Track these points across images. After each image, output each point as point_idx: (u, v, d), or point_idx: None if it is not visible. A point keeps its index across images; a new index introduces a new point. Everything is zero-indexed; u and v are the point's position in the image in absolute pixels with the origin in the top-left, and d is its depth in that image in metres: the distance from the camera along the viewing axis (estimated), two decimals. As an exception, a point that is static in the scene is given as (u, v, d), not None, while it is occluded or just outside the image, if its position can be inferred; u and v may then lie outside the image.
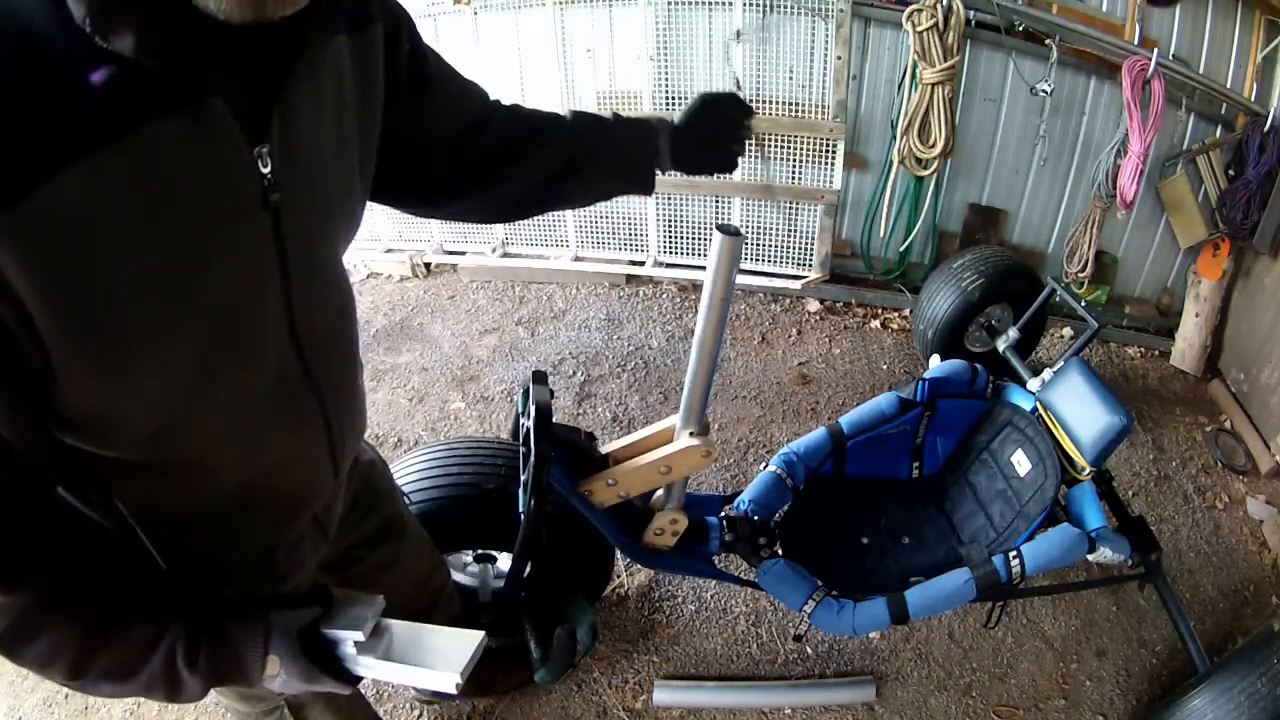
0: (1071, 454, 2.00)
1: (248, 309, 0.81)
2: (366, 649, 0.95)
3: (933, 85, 3.03)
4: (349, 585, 1.26)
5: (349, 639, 0.94)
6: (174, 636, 0.82)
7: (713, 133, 1.27)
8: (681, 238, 3.79)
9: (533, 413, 1.42)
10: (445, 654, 0.96)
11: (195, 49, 0.65)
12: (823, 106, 3.37)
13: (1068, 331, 3.59)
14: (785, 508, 2.03)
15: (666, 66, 3.42)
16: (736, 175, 3.55)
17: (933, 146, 3.15)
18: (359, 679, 0.98)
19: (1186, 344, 3.43)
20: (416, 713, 2.12)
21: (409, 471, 1.79)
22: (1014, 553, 1.80)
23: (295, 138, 0.79)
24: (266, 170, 0.76)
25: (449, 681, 0.93)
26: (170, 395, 0.77)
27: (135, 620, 0.82)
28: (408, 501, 1.67)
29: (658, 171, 1.28)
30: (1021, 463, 2.07)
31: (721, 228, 1.25)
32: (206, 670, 0.84)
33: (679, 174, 1.31)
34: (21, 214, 0.60)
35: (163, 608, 0.84)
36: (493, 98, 1.19)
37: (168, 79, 0.65)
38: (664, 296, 3.73)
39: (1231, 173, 3.13)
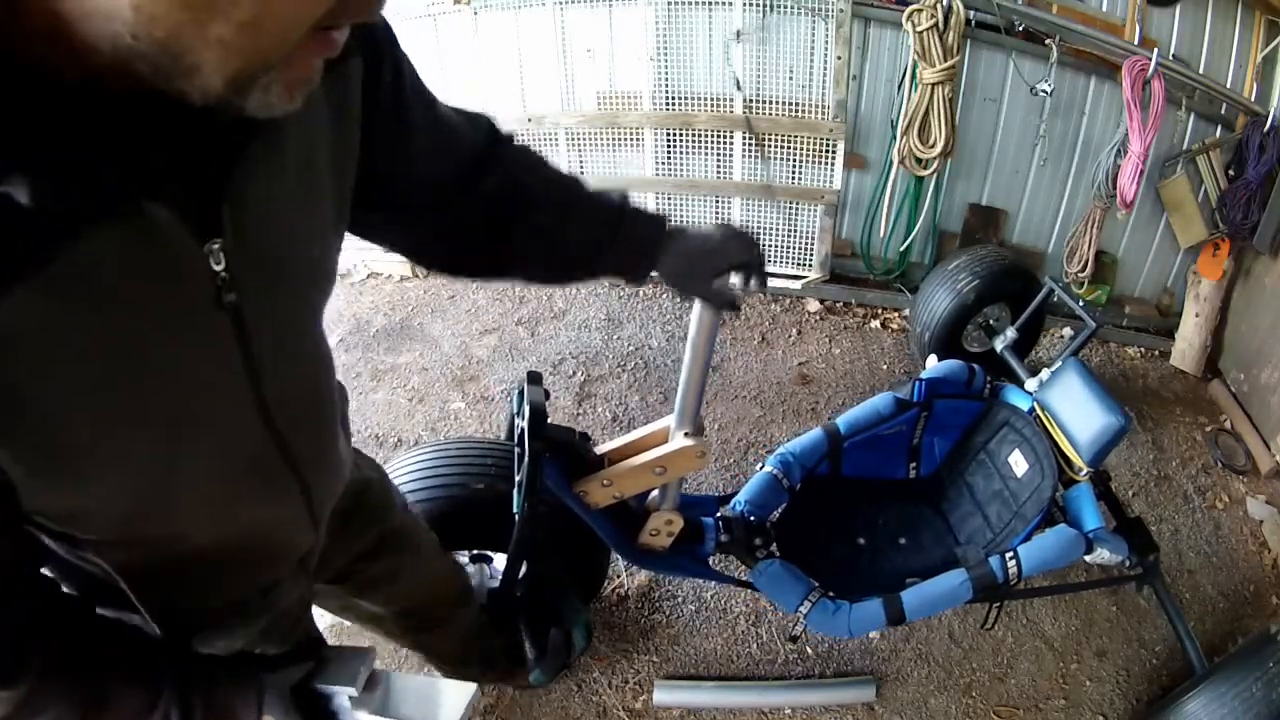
0: (1069, 454, 2.00)
1: (209, 404, 0.76)
2: (361, 703, 0.96)
3: (933, 85, 3.03)
4: (348, 594, 1.34)
5: (343, 693, 0.95)
6: (166, 705, 0.82)
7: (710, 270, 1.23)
8: (682, 238, 3.78)
9: (527, 413, 1.42)
10: (438, 708, 0.97)
11: (122, 167, 0.59)
12: (823, 106, 3.37)
13: (1067, 331, 3.59)
14: (781, 508, 2.03)
15: (666, 66, 3.42)
16: (736, 175, 3.57)
17: (933, 146, 3.14)
18: None
19: (1186, 344, 3.43)
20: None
21: (400, 472, 1.79)
22: (1010, 553, 1.80)
23: (252, 224, 0.71)
24: (219, 268, 0.69)
25: None
26: (132, 489, 0.75)
27: (130, 688, 0.81)
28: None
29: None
30: (1019, 463, 2.07)
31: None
32: None
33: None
34: None
35: (156, 672, 0.83)
36: (496, 131, 1.10)
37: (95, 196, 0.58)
38: (664, 296, 3.73)
39: (1231, 173, 3.13)
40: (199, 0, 0.49)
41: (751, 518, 1.91)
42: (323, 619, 1.44)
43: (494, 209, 1.09)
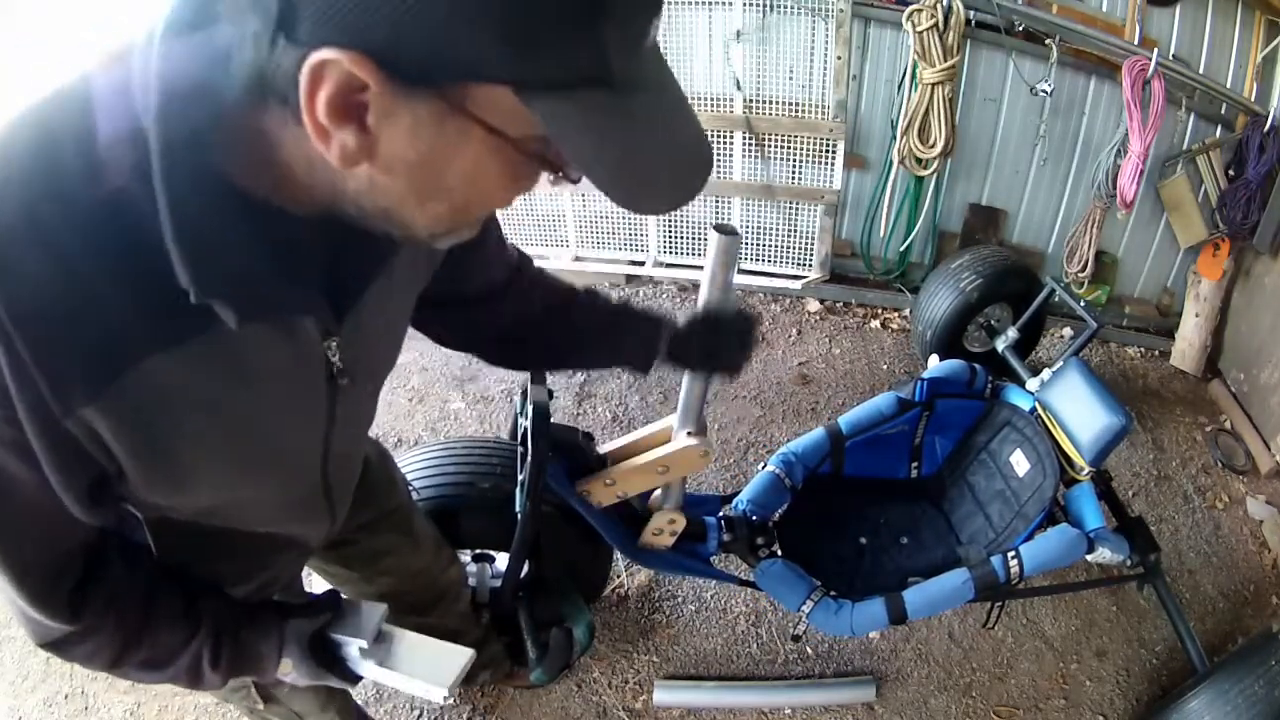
0: (1070, 454, 2.00)
1: (291, 456, 0.92)
2: (369, 654, 1.04)
3: (933, 85, 3.03)
4: (342, 563, 1.44)
5: (354, 644, 1.04)
6: (201, 641, 0.92)
7: (713, 350, 1.32)
8: (681, 238, 3.78)
9: (530, 412, 1.42)
10: (437, 668, 1.05)
11: (293, 299, 0.74)
12: (823, 106, 3.36)
13: (1067, 331, 3.59)
14: (783, 508, 2.03)
15: (667, 66, 3.41)
16: (737, 175, 3.57)
17: (933, 146, 3.14)
18: (360, 678, 1.07)
19: (1186, 344, 3.43)
20: (416, 713, 2.13)
21: (406, 470, 1.79)
22: (1012, 553, 1.80)
23: (363, 326, 0.86)
24: (336, 359, 0.84)
25: (438, 694, 1.03)
26: (206, 503, 0.87)
27: (171, 625, 0.91)
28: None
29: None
30: (1020, 463, 2.07)
31: (718, 227, 1.25)
32: (226, 669, 0.95)
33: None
34: (113, 393, 0.66)
35: (195, 613, 0.93)
36: (516, 260, 1.23)
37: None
38: (664, 296, 3.73)
39: (1231, 173, 3.12)
40: (426, 188, 0.62)
41: (754, 517, 1.92)
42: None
43: (515, 321, 1.26)
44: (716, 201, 3.71)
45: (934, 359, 2.33)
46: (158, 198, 0.60)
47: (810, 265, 3.77)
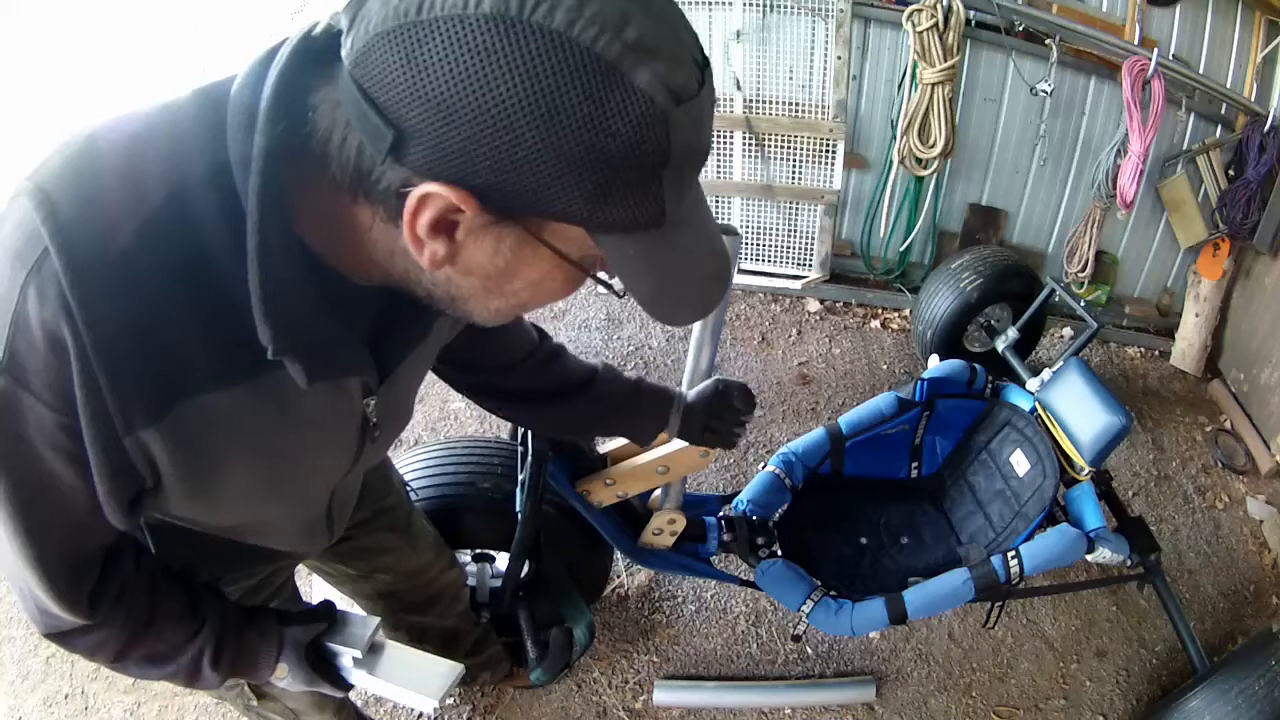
0: (1071, 454, 2.00)
1: (313, 489, 1.00)
2: (362, 664, 1.08)
3: (933, 85, 3.02)
4: (339, 559, 1.48)
5: (348, 654, 1.07)
6: (203, 641, 0.96)
7: (718, 419, 1.48)
8: (682, 238, 3.77)
9: None
10: (427, 680, 1.09)
11: (350, 362, 0.80)
12: (823, 106, 3.36)
13: (1067, 331, 3.59)
14: (784, 508, 2.04)
15: (666, 66, 3.40)
16: (737, 175, 3.57)
17: (933, 146, 3.13)
18: (352, 686, 1.12)
19: (1186, 344, 3.43)
20: (416, 713, 2.12)
21: (407, 470, 1.79)
22: (1012, 553, 1.80)
23: (397, 386, 0.95)
24: (372, 416, 0.92)
25: (427, 705, 1.08)
26: (225, 522, 0.92)
27: (176, 622, 0.94)
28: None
29: None
30: (1020, 463, 2.07)
31: (719, 227, 1.25)
32: (226, 669, 0.99)
33: None
34: (174, 418, 0.71)
35: (199, 613, 0.96)
36: (536, 334, 1.34)
37: None
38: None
39: (1231, 173, 3.12)
40: (495, 290, 0.71)
41: (754, 517, 1.92)
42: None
43: (538, 384, 1.34)
44: (716, 201, 3.70)
45: (934, 359, 2.33)
46: (248, 239, 0.64)
47: (810, 265, 3.76)
